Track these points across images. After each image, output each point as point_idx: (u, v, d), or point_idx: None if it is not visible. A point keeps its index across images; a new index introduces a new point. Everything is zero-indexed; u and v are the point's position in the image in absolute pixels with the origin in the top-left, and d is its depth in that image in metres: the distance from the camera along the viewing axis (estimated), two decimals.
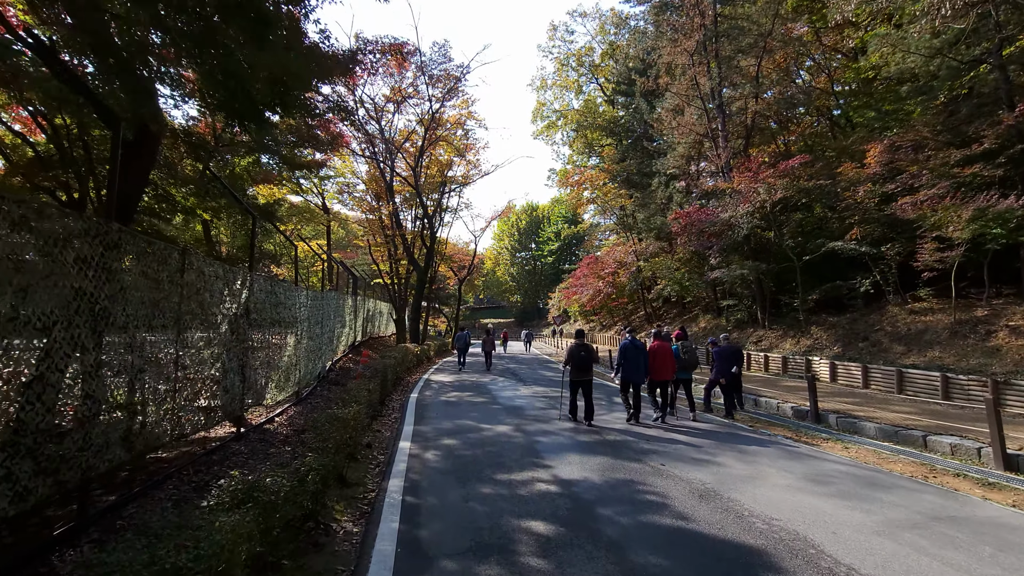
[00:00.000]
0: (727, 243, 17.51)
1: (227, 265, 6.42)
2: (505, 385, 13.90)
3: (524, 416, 9.20)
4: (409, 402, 10.78)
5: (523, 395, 11.93)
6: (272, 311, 8.07)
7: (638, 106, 26.92)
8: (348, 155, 24.94)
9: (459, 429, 8.01)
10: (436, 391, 12.67)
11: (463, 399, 11.34)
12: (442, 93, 23.99)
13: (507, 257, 77.06)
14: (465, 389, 13.07)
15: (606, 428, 8.12)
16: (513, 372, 17.98)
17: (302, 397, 10.06)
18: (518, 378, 15.87)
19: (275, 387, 8.26)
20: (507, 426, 8.24)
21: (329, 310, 13.87)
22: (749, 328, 18.46)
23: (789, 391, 11.83)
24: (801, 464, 6.18)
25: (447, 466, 5.89)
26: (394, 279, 28.13)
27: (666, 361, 8.66)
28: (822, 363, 13.14)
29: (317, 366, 12.06)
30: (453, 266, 39.60)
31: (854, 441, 7.78)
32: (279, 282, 8.63)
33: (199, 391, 5.51)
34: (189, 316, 5.26)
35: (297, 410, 9.07)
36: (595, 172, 26.76)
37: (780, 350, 15.86)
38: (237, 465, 5.63)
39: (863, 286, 14.77)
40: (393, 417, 9.22)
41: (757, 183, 15.69)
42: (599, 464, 5.93)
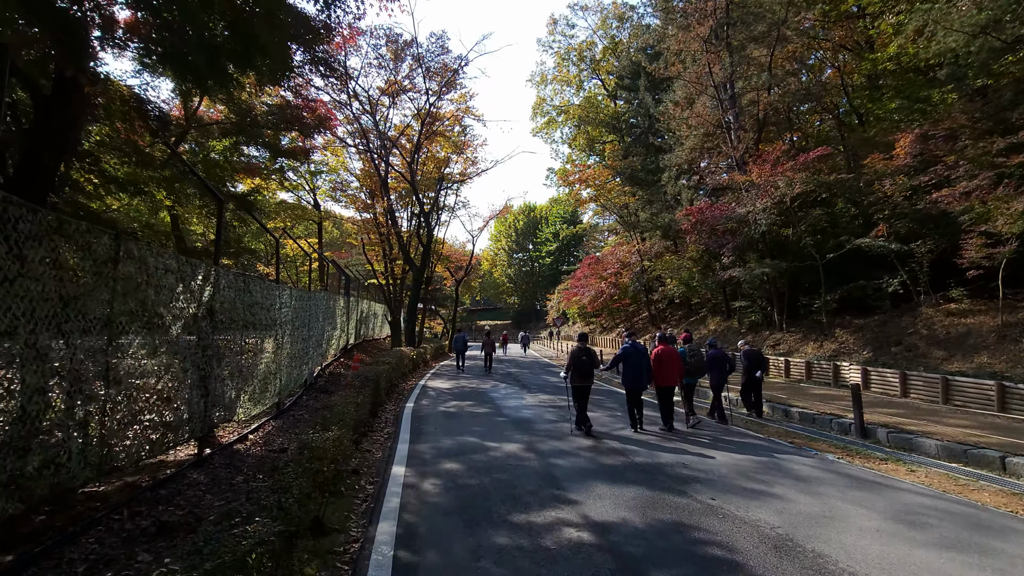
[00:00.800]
0: (742, 241, 16.52)
1: (186, 257, 5.34)
2: (508, 393, 12.84)
3: (534, 431, 8.13)
4: (404, 413, 9.69)
5: (529, 405, 10.87)
6: (246, 312, 6.98)
7: (643, 100, 25.94)
8: (342, 150, 23.86)
9: (461, 448, 6.93)
10: (434, 400, 11.59)
11: (464, 410, 10.26)
12: (439, 86, 22.95)
13: (504, 258, 76.03)
14: (465, 397, 12.00)
15: (626, 443, 7.07)
16: (515, 377, 16.91)
17: (284, 409, 8.96)
18: (521, 384, 14.81)
19: (249, 399, 7.16)
20: (517, 444, 7.17)
21: (317, 311, 12.79)
22: (764, 331, 17.47)
23: (821, 400, 10.82)
24: (877, 496, 5.14)
25: (450, 501, 4.81)
26: (389, 279, 27.00)
27: (672, 366, 8.07)
28: (852, 369, 12.14)
29: (303, 372, 10.97)
30: (450, 266, 38.53)
31: (916, 462, 6.76)
32: (255, 279, 7.54)
33: (141, 410, 4.43)
34: (126, 317, 4.18)
35: (277, 425, 7.97)
36: (598, 169, 25.76)
37: (801, 354, 14.86)
38: (190, 501, 4.55)
39: (891, 286, 13.81)
40: (386, 432, 8.14)
41: (776, 176, 14.69)
42: (635, 498, 4.88)
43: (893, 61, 18.65)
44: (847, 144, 16.05)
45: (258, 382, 7.44)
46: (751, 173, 15.43)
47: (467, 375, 17.58)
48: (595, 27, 33.23)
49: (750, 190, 15.73)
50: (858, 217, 15.46)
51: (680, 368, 8.19)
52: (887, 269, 14.69)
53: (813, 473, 5.95)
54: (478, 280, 71.22)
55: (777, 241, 16.89)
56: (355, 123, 21.94)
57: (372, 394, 8.89)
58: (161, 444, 4.74)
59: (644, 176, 25.04)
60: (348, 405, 5.95)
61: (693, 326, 23.56)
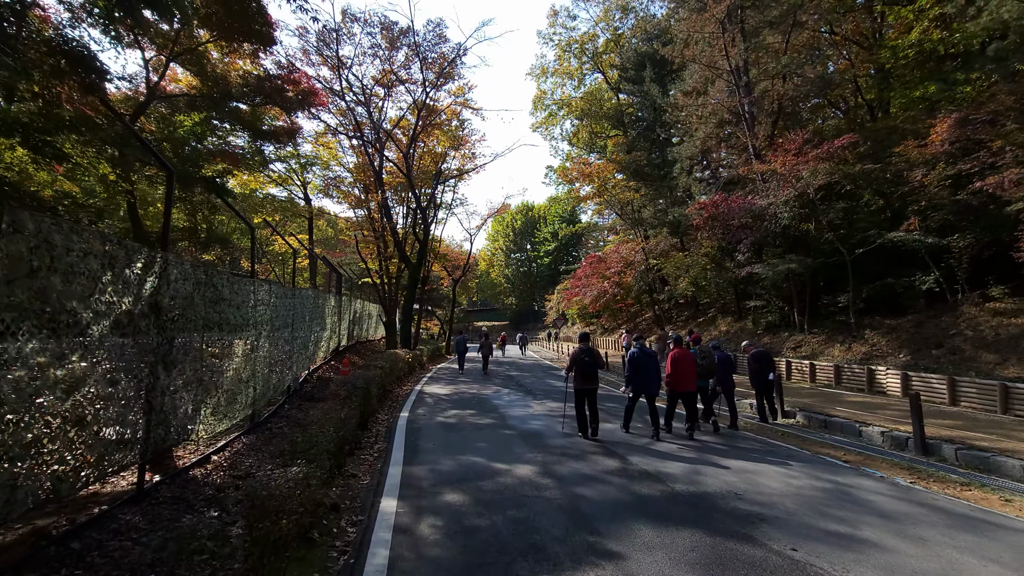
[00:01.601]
0: (761, 235, 15.46)
1: (118, 239, 4.21)
2: (513, 399, 11.74)
3: (548, 448, 7.02)
4: (398, 425, 8.57)
5: (537, 414, 9.77)
6: (208, 309, 5.86)
7: (648, 92, 24.91)
8: (334, 143, 22.72)
9: (465, 472, 5.82)
10: (431, 408, 10.47)
11: (465, 420, 9.15)
12: (436, 76, 21.85)
13: (502, 258, 75.02)
14: (466, 405, 10.89)
15: (654, 459, 5.98)
16: (517, 381, 15.82)
17: (259, 421, 7.83)
18: (525, 389, 13.71)
19: (213, 414, 6.03)
20: (530, 466, 6.07)
21: (303, 310, 11.66)
22: (783, 332, 16.42)
23: (862, 409, 9.77)
24: (990, 540, 4.08)
25: (455, 555, 3.70)
26: (383, 278, 25.86)
27: (688, 369, 7.71)
28: (890, 374, 11.11)
29: (285, 378, 9.83)
30: (447, 265, 37.41)
31: (1005, 487, 5.70)
32: (223, 272, 6.42)
33: (36, 439, 3.30)
34: (12, 313, 3.06)
35: (249, 442, 6.84)
36: (602, 164, 24.68)
37: (827, 357, 13.82)
38: (108, 559, 3.42)
39: (925, 283, 12.79)
40: (376, 450, 7.02)
41: (800, 166, 13.65)
42: (694, 548, 3.78)
43: (914, 48, 17.74)
44: (870, 133, 15.03)
45: (224, 392, 6.31)
46: (774, 162, 14.34)
47: (466, 379, 16.48)
48: (597, 19, 32.22)
49: (769, 181, 14.70)
50: (884, 210, 14.45)
51: (695, 372, 7.81)
52: (916, 266, 13.70)
53: (896, 506, 4.88)
54: (475, 281, 70.10)
55: (796, 236, 15.86)
56: (348, 114, 20.83)
57: (360, 405, 7.78)
58: (73, 480, 3.61)
59: (650, 171, 23.99)
60: (327, 425, 4.85)
61: (702, 327, 22.52)
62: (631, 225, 26.38)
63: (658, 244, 25.42)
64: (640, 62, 26.30)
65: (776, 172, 14.31)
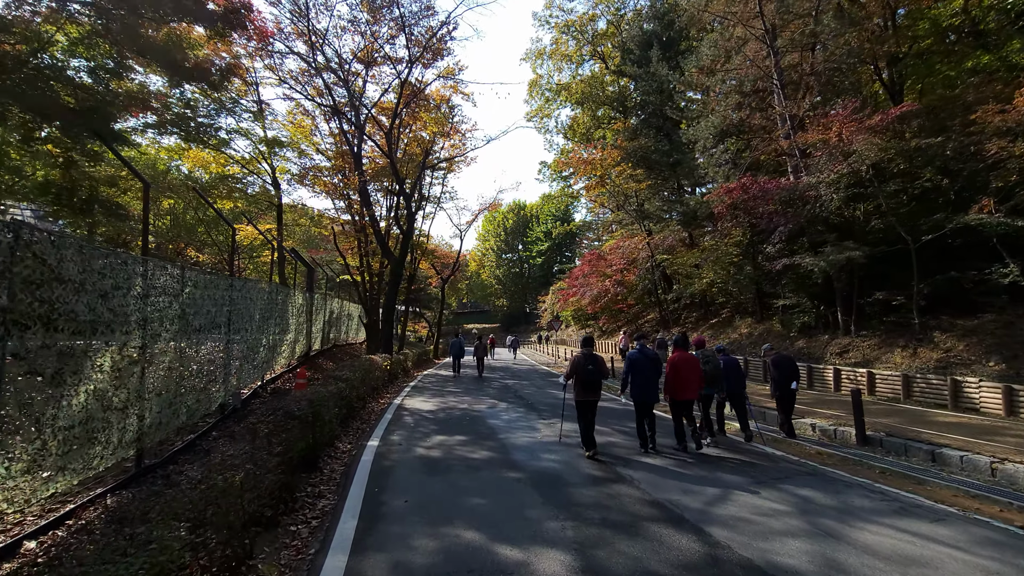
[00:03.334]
0: (802, 221, 13.24)
1: None
2: (514, 419, 9.41)
3: (577, 505, 4.71)
4: (360, 463, 6.20)
5: (549, 441, 7.46)
6: (26, 295, 3.50)
7: (655, 73, 22.78)
8: (306, 123, 20.22)
9: (454, 568, 3.49)
10: (410, 433, 8.10)
11: (453, 453, 6.80)
12: (422, 50, 19.49)
13: (492, 258, 72.71)
14: (455, 427, 8.55)
15: (745, 527, 3.72)
16: (515, 392, 13.51)
17: (150, 465, 5.43)
18: (527, 403, 11.41)
19: (26, 472, 3.63)
20: (558, 550, 3.74)
21: (250, 307, 9.27)
22: (821, 335, 14.27)
23: (966, 433, 7.58)
24: None
25: None
26: (364, 276, 23.41)
27: (691, 375, 6.88)
28: (985, 387, 8.97)
29: (214, 396, 7.42)
30: (436, 263, 35.01)
31: None
32: (56, 236, 4.05)
33: None
34: None
35: (116, 505, 4.46)
36: (606, 151, 22.49)
37: (885, 364, 11.68)
38: None
39: (1007, 275, 10.70)
40: (319, 510, 4.66)
41: (855, 135, 11.49)
42: None
43: (960, 16, 15.83)
44: (923, 107, 12.98)
45: (62, 432, 3.91)
46: (826, 132, 12.10)
47: (456, 389, 14.16)
48: (596, 0, 30.10)
49: (812, 157, 12.53)
50: (945, 191, 12.38)
51: (700, 378, 6.97)
52: (984, 256, 11.65)
53: None
54: (465, 282, 67.59)
55: (839, 223, 13.72)
56: (326, 93, 18.37)
57: (302, 438, 5.40)
58: None
59: (657, 158, 21.85)
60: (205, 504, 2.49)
61: (716, 330, 20.37)
62: (635, 219, 24.21)
63: (665, 239, 23.26)
64: (646, 41, 24.20)
65: (827, 142, 12.09)
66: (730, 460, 6.56)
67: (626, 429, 8.20)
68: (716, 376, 7.45)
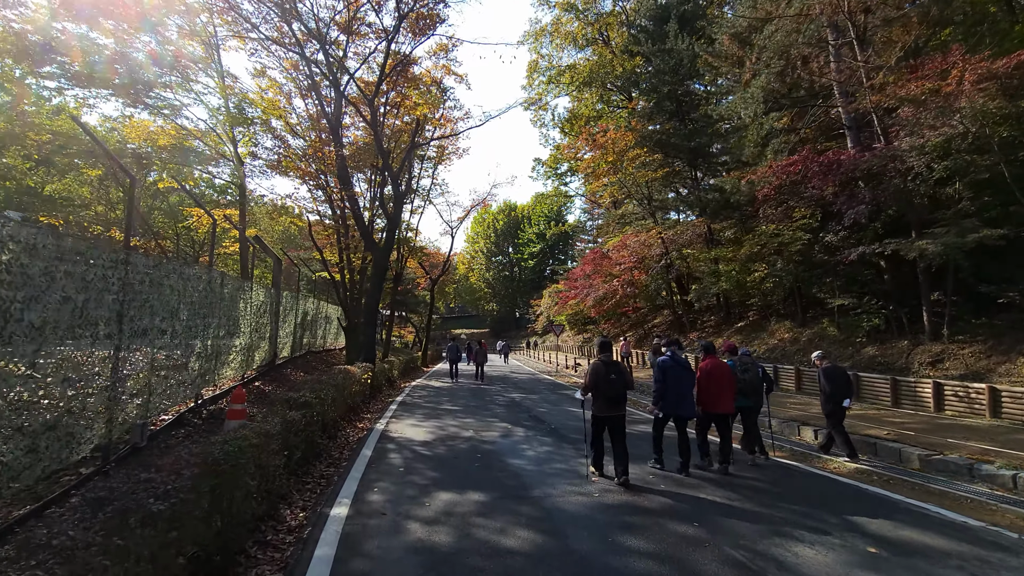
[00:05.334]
0: (889, 197, 10.72)
1: None
2: (543, 455, 6.77)
3: None
4: (311, 568, 3.51)
5: (606, 488, 4.86)
6: None
7: (672, 49, 20.47)
8: (278, 94, 17.39)
9: None
10: (398, 488, 5.39)
11: (472, 535, 4.07)
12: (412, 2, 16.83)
13: (482, 261, 70.03)
14: (464, 475, 5.86)
15: None
16: (529, 411, 10.89)
17: None
18: (550, 429, 8.76)
19: None
20: None
21: (174, 300, 6.53)
22: (898, 340, 11.84)
23: None
24: None
25: None
26: (344, 273, 20.59)
27: (724, 385, 6.09)
28: None
29: (84, 437, 4.63)
30: (424, 263, 32.26)
31: None
32: None
33: None
34: None
35: None
36: (619, 132, 20.05)
37: (1002, 377, 9.29)
38: None
39: None
40: None
41: (972, 92, 9.06)
42: None
43: None
44: None
45: None
46: (941, 81, 9.57)
47: (453, 405, 11.49)
48: None
49: (904, 115, 10.10)
50: None
51: (733, 388, 6.19)
52: None
53: None
54: (452, 286, 64.77)
55: (926, 203, 11.33)
56: (301, 62, 15.63)
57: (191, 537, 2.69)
58: None
59: (677, 142, 19.47)
60: None
61: (746, 335, 17.95)
62: (650, 211, 21.81)
63: (681, 233, 20.87)
64: (662, 15, 21.94)
65: (937, 94, 9.63)
66: None
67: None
68: (757, 386, 6.71)
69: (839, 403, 6.86)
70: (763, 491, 5.38)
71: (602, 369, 5.48)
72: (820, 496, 5.26)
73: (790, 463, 6.79)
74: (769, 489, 5.47)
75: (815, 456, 7.19)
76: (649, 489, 5.28)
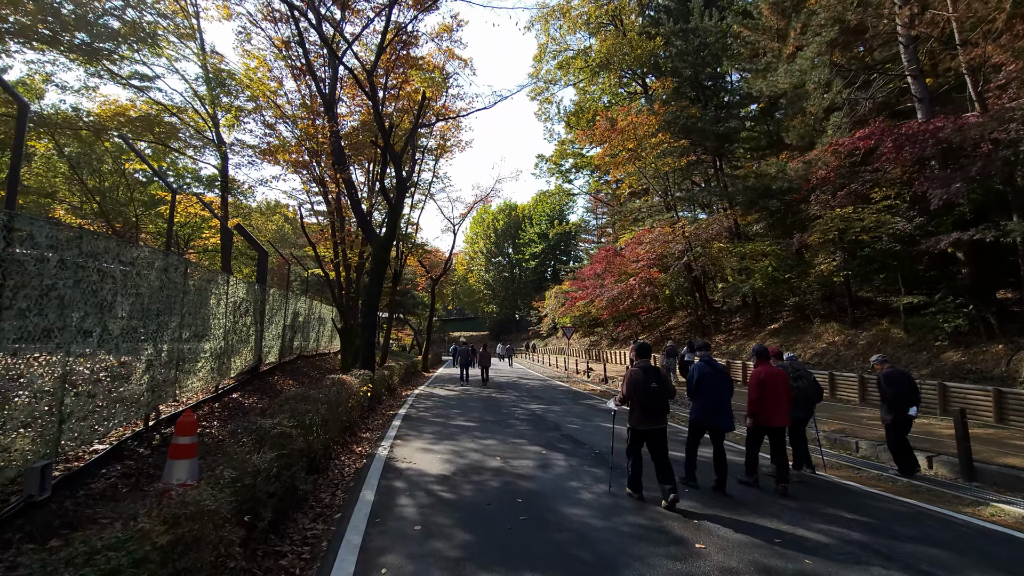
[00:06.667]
0: (997, 170, 8.98)
1: None
2: (602, 499, 5.05)
3: None
4: None
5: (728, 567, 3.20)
6: None
7: (697, 28, 18.86)
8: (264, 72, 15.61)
9: None
10: (414, 557, 3.65)
11: None
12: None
13: (482, 262, 68.27)
14: (499, 530, 4.12)
15: None
16: (556, 427, 9.19)
17: None
18: (593, 453, 7.05)
19: None
20: None
21: (106, 291, 4.79)
22: (990, 344, 10.11)
23: None
24: None
25: None
26: (340, 271, 18.83)
27: (781, 395, 5.54)
28: None
29: None
30: (425, 261, 30.54)
31: None
32: None
33: None
34: None
35: None
36: (641, 115, 18.33)
37: None
38: None
39: None
40: None
41: None
42: None
43: None
44: None
45: None
46: None
47: (470, 422, 9.71)
48: None
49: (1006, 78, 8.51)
50: None
51: (790, 399, 5.64)
52: None
53: None
54: (451, 287, 62.89)
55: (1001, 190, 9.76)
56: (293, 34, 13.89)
57: None
58: None
59: (704, 126, 17.82)
60: None
61: (785, 338, 16.27)
62: (672, 203, 20.12)
63: (707, 227, 19.22)
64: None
65: None
66: None
67: None
68: (811, 396, 6.23)
69: (903, 411, 6.24)
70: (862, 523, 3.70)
71: (641, 377, 4.98)
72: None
73: (844, 481, 6.16)
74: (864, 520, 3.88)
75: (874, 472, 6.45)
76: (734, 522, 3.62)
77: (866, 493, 5.62)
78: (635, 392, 4.97)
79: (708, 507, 4.86)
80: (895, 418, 6.32)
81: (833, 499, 5.32)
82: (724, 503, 5.04)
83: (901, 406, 6.27)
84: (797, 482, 5.85)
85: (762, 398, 5.52)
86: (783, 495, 5.30)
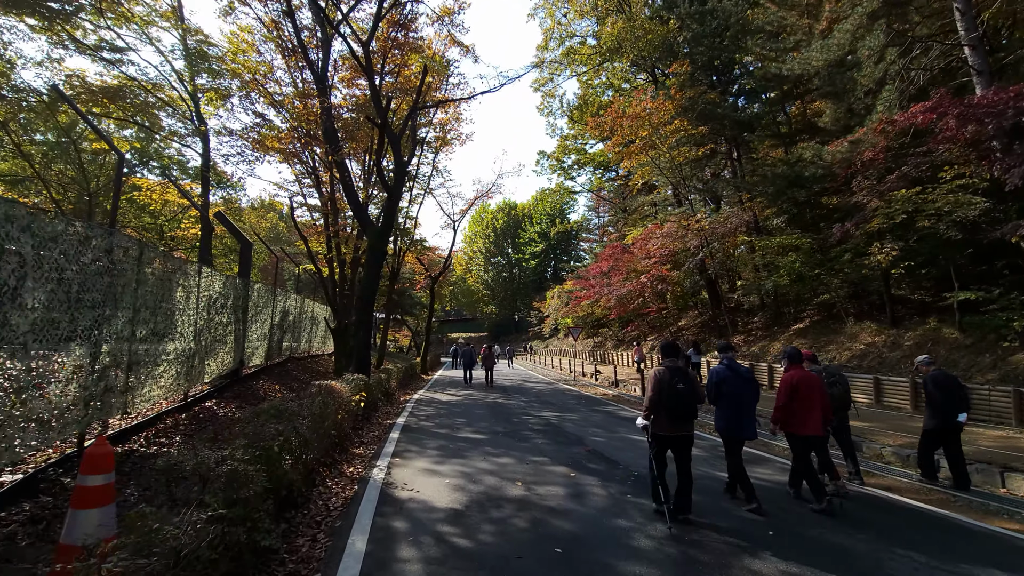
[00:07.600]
0: None
1: None
2: (664, 544, 3.83)
3: None
4: None
5: None
6: None
7: (714, 9, 17.70)
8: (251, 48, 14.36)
9: None
10: None
11: None
12: None
13: (480, 261, 67.02)
14: None
15: None
16: (579, 440, 8.00)
17: None
18: (625, 471, 5.86)
19: None
20: None
21: (7, 274, 3.50)
22: None
23: None
24: None
25: None
26: (333, 266, 17.60)
27: (815, 402, 5.00)
28: None
29: None
30: (424, 259, 29.31)
31: None
32: None
33: None
34: None
35: None
36: (657, 101, 17.15)
37: None
38: None
39: None
40: None
41: None
42: None
43: None
44: None
45: None
46: None
47: (480, 435, 8.44)
48: None
49: None
50: None
51: (827, 406, 5.11)
52: None
53: None
54: (449, 288, 61.53)
55: None
56: None
57: None
58: None
59: (724, 112, 16.66)
60: None
61: (812, 339, 15.10)
62: (686, 195, 18.95)
63: (725, 221, 18.06)
64: None
65: None
66: None
67: None
68: (846, 403, 5.90)
69: (951, 417, 5.73)
70: None
71: (667, 378, 4.60)
72: None
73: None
74: None
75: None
76: None
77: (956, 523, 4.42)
78: (662, 394, 4.60)
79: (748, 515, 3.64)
80: (942, 425, 5.81)
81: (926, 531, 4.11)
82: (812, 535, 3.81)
83: (950, 412, 5.76)
84: (837, 497, 5.05)
85: (792, 405, 5.04)
86: (830, 514, 4.71)
